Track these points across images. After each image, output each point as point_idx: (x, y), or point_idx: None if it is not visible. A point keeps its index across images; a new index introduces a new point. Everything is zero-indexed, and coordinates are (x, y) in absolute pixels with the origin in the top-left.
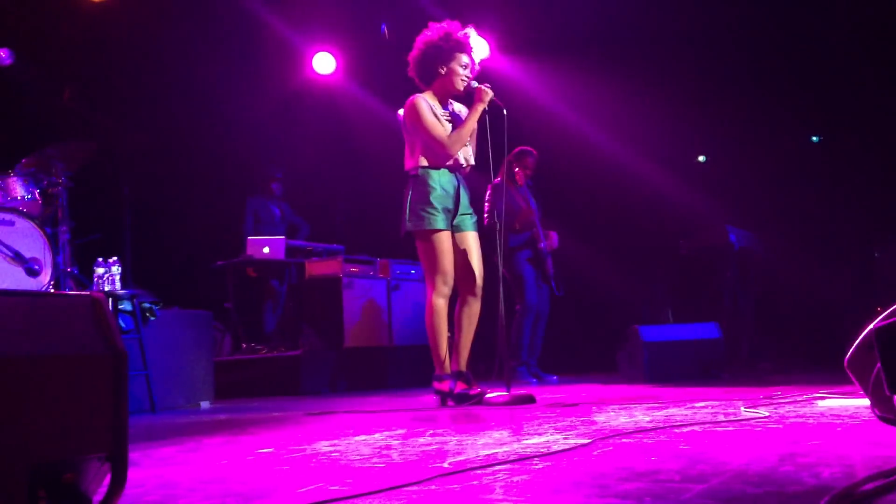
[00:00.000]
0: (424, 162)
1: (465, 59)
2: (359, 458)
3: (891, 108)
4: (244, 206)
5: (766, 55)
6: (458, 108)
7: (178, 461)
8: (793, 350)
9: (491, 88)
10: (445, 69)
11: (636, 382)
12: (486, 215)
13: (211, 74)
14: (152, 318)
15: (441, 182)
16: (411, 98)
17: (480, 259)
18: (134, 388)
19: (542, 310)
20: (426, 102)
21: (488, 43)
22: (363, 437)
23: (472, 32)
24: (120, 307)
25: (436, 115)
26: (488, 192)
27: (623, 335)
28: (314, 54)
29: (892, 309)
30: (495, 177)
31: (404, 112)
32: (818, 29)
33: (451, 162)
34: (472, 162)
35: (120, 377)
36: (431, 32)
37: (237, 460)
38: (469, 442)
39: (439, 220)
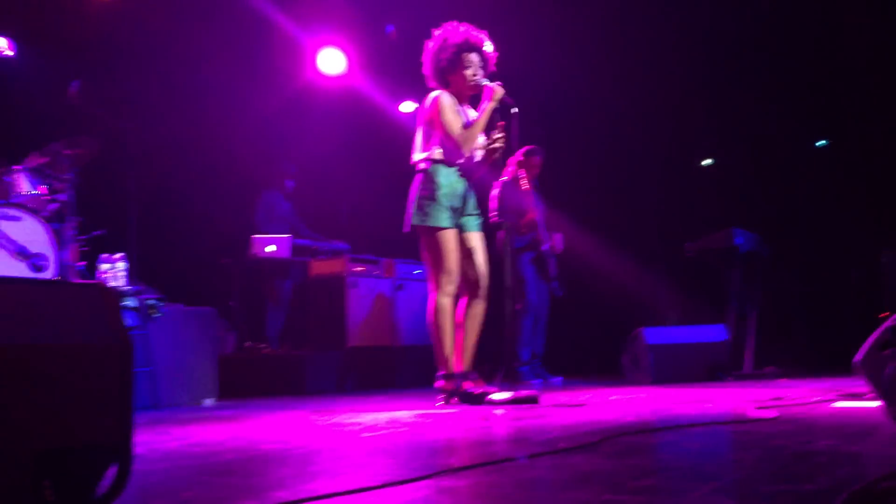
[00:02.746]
0: (437, 156)
1: (477, 58)
2: (358, 454)
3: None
4: (258, 200)
5: (773, 57)
6: (472, 114)
7: (183, 455)
8: (799, 353)
9: (502, 86)
10: (458, 71)
11: (641, 384)
12: (492, 213)
13: (218, 71)
14: (157, 315)
15: (450, 180)
16: (435, 93)
17: (486, 259)
18: (138, 385)
19: (542, 310)
20: (449, 99)
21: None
22: (367, 434)
23: (484, 36)
24: (125, 303)
25: (455, 113)
26: (495, 191)
27: (628, 338)
28: (321, 51)
29: None
30: (502, 176)
31: (427, 105)
32: (825, 31)
33: (462, 160)
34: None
35: (126, 369)
36: (444, 33)
37: (241, 451)
38: (474, 440)
39: (445, 218)
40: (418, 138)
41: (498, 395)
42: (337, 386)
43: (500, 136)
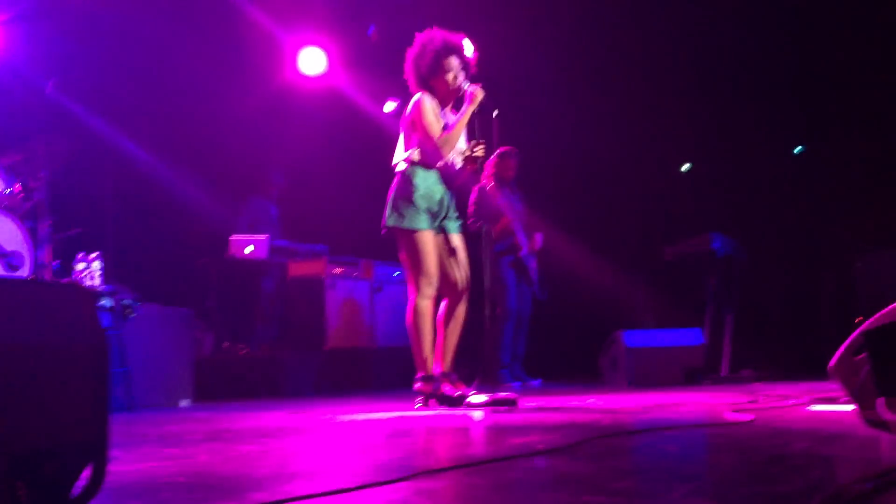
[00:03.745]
0: (416, 157)
1: (457, 62)
2: (343, 456)
3: (874, 117)
4: (244, 204)
5: (752, 61)
6: (452, 117)
7: (159, 456)
8: (775, 357)
9: (483, 89)
10: (438, 74)
11: (619, 387)
12: (470, 219)
13: (197, 69)
14: (132, 316)
15: (427, 182)
16: (417, 95)
17: (466, 261)
18: (113, 386)
19: (524, 314)
20: (431, 102)
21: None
22: (344, 436)
23: (464, 39)
24: (100, 304)
25: (435, 116)
26: (473, 195)
27: (606, 340)
28: (302, 51)
29: (878, 315)
30: (479, 179)
31: (409, 108)
32: (802, 38)
33: (442, 164)
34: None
35: (102, 369)
36: (423, 39)
37: (217, 452)
38: (451, 442)
39: (422, 220)
40: (400, 141)
41: (476, 398)
42: (315, 388)
43: (480, 145)
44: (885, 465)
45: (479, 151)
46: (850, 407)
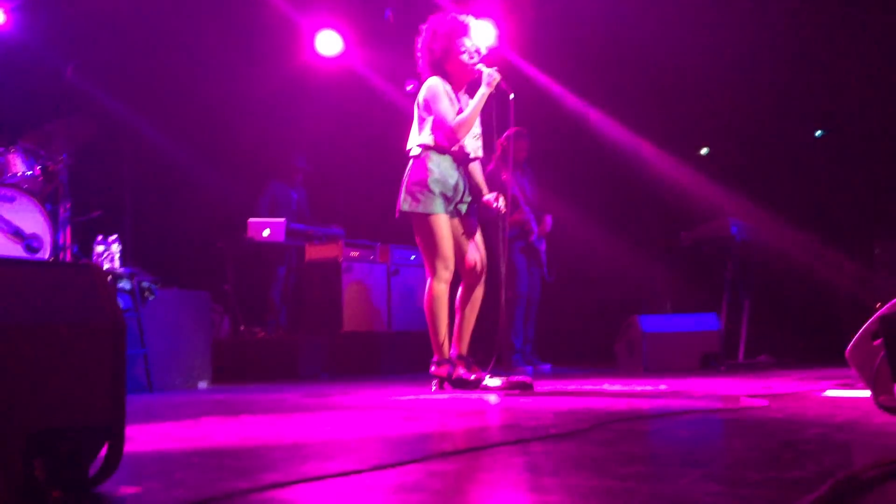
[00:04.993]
0: (430, 142)
1: (469, 43)
2: (355, 439)
3: (893, 103)
4: (265, 188)
5: (769, 47)
6: (467, 100)
7: (175, 437)
8: (792, 343)
9: (498, 72)
10: (451, 57)
11: (634, 372)
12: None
13: (214, 53)
14: (151, 298)
15: (442, 167)
16: (430, 79)
17: (482, 244)
18: (132, 368)
19: (534, 297)
20: (445, 86)
21: (496, 30)
22: (358, 418)
23: (471, 20)
24: (119, 286)
25: (449, 100)
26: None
27: (622, 325)
28: (318, 34)
29: (895, 301)
30: (489, 162)
31: (423, 91)
32: (822, 22)
33: (456, 148)
34: (480, 154)
35: (119, 350)
36: (432, 24)
37: (233, 433)
38: (465, 425)
39: (437, 204)
40: (414, 125)
41: (491, 382)
42: (330, 371)
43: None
44: None
45: (495, 73)
46: (865, 393)
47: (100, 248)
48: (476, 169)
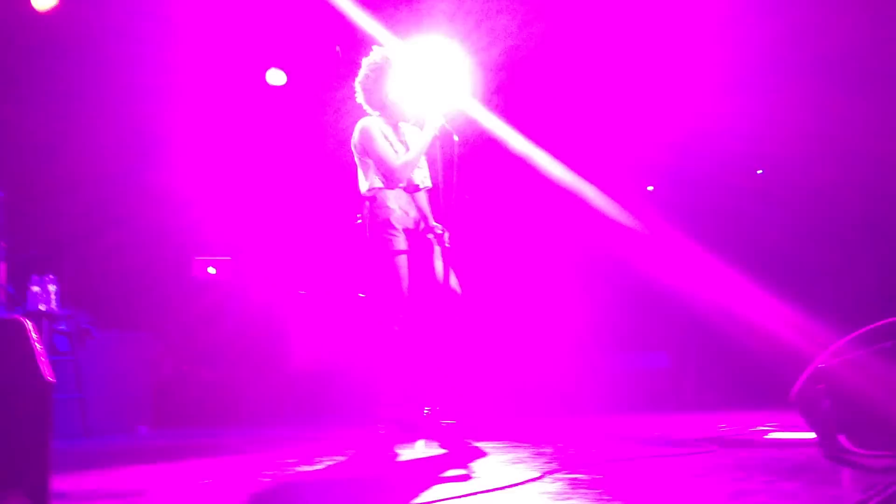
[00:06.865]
0: (379, 184)
1: (401, 73)
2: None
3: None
4: None
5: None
6: (409, 131)
7: (108, 492)
8: (737, 382)
9: (443, 115)
10: (386, 91)
11: (585, 411)
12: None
13: (154, 85)
14: (89, 339)
15: (399, 203)
16: (361, 121)
17: (447, 273)
18: (68, 413)
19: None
20: (377, 126)
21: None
22: (305, 467)
23: (408, 52)
24: (56, 327)
25: (387, 139)
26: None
27: (574, 365)
28: (264, 69)
29: (838, 346)
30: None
31: (356, 134)
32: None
33: (404, 184)
34: (429, 184)
35: (46, 409)
36: (372, 56)
37: (169, 491)
38: (415, 473)
39: (401, 241)
40: (358, 169)
41: (445, 425)
42: (276, 412)
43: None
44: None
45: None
46: (811, 435)
47: (35, 289)
48: (422, 198)
